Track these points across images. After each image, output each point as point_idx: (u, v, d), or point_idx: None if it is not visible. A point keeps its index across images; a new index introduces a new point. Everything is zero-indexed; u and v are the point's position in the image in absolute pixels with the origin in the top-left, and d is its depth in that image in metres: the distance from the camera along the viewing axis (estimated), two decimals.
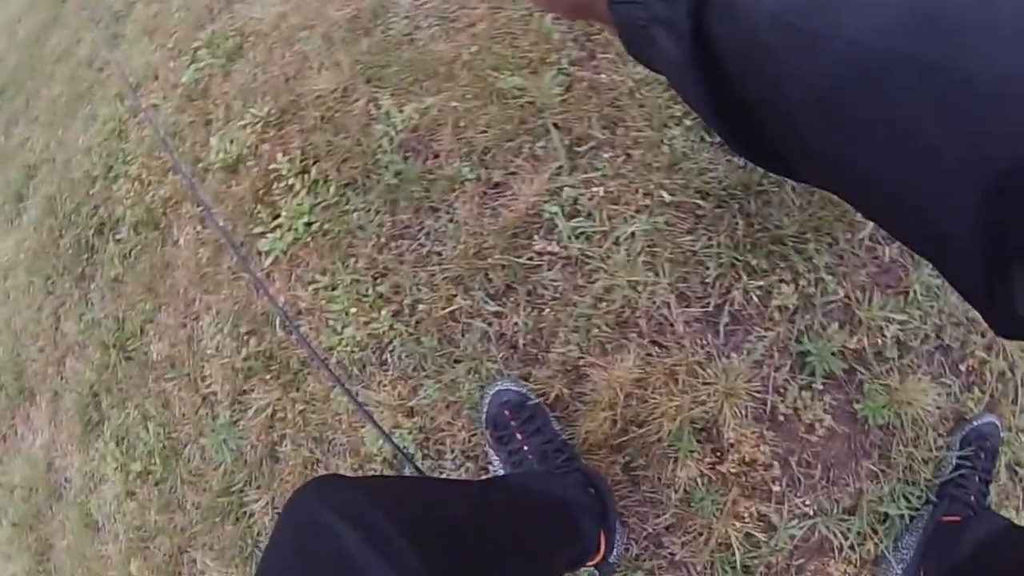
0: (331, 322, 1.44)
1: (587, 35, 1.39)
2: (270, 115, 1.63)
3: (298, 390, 1.50)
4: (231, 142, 1.66)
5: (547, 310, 1.28)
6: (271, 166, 1.58)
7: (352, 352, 1.42)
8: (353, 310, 1.41)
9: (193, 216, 1.70)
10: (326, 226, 1.47)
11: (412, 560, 0.63)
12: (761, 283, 1.25)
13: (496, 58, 1.40)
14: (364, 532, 0.63)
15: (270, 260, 1.53)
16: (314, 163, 1.53)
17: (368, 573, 0.61)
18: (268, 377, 1.52)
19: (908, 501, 1.30)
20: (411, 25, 1.56)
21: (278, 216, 1.54)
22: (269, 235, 1.54)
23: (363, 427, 1.42)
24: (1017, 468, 1.40)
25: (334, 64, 1.59)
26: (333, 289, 1.44)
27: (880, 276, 1.33)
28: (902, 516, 1.30)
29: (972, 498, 1.26)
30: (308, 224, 1.50)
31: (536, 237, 1.29)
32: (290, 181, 1.54)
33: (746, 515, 1.27)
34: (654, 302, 1.25)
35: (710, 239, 1.25)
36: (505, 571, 0.81)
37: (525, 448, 1.26)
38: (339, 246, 1.45)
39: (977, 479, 1.29)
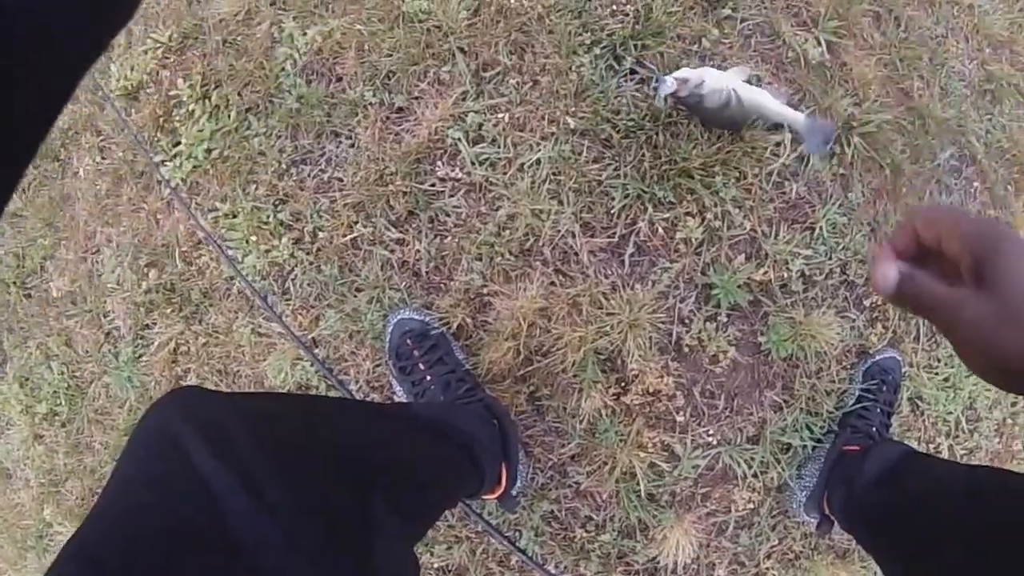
0: (232, 251, 1.36)
1: None
2: (171, 40, 1.50)
3: (200, 322, 1.41)
4: (132, 69, 1.53)
5: (450, 237, 1.22)
6: (171, 92, 1.46)
7: (254, 281, 1.34)
8: (253, 238, 1.33)
9: (92, 146, 1.58)
10: (226, 152, 1.38)
11: (274, 491, 0.54)
12: (667, 215, 1.21)
13: None
14: (221, 454, 0.54)
15: (170, 189, 1.43)
16: (215, 88, 1.42)
17: (225, 502, 0.52)
18: (169, 311, 1.43)
19: (811, 431, 1.30)
20: None
21: (178, 143, 1.44)
22: (169, 163, 1.44)
23: (265, 359, 1.35)
24: (919, 401, 1.41)
25: None
26: (234, 217, 1.36)
27: (787, 211, 1.30)
28: (805, 446, 1.30)
29: (874, 429, 1.26)
30: (208, 151, 1.40)
31: (439, 163, 1.22)
32: (191, 107, 1.43)
33: (650, 445, 1.25)
34: (558, 231, 1.20)
35: (616, 169, 1.20)
36: (393, 500, 0.72)
37: (428, 378, 1.21)
38: (239, 173, 1.36)
39: (879, 411, 1.29)
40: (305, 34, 1.36)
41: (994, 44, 1.62)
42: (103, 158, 1.57)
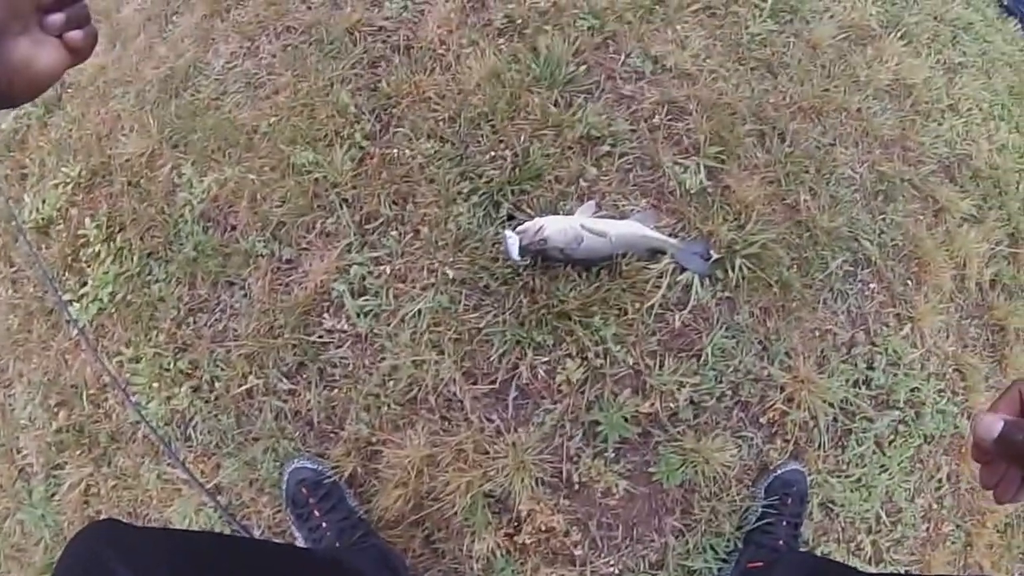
0: (136, 396, 1.40)
1: (384, 108, 1.37)
2: (81, 176, 1.55)
3: (109, 465, 1.44)
4: (43, 201, 1.58)
5: (337, 389, 1.26)
6: (79, 231, 1.51)
7: (157, 427, 1.38)
8: (155, 384, 1.36)
9: (5, 277, 1.62)
10: (129, 297, 1.42)
11: None
12: (547, 358, 1.26)
13: (293, 130, 1.36)
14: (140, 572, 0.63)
15: (77, 330, 1.47)
16: (120, 231, 1.47)
17: None
18: (79, 452, 1.46)
19: (715, 552, 1.31)
20: (219, 89, 1.51)
21: (85, 284, 1.48)
22: (76, 304, 1.48)
23: (171, 505, 1.38)
24: (831, 505, 1.42)
25: (143, 126, 1.52)
26: (137, 362, 1.39)
27: (671, 341, 1.35)
28: (710, 567, 1.31)
29: (780, 542, 1.27)
30: (112, 294, 1.44)
31: (326, 315, 1.27)
32: (96, 248, 1.48)
33: None
34: (441, 380, 1.24)
35: (495, 316, 1.25)
36: None
37: (323, 525, 1.24)
38: (141, 318, 1.40)
39: (785, 524, 1.29)
40: (203, 180, 1.41)
41: (884, 144, 1.68)
42: (15, 291, 1.61)
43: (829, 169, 1.57)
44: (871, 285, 1.57)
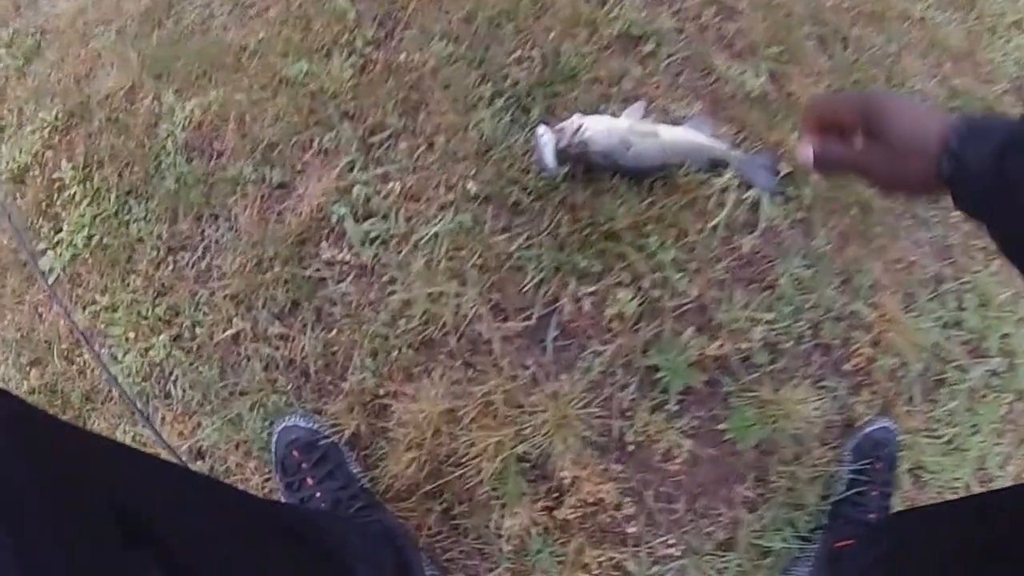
0: (113, 348, 1.14)
1: (388, 13, 1.11)
2: (57, 119, 1.32)
3: (84, 427, 1.19)
4: (20, 151, 1.35)
5: (338, 331, 0.99)
6: (55, 175, 1.27)
7: (134, 384, 1.11)
8: (132, 335, 1.11)
9: None
10: (106, 239, 1.17)
11: None
12: (594, 288, 0.98)
13: (286, 44, 1.11)
14: None
15: (51, 280, 1.22)
16: (97, 169, 1.22)
17: None
18: (52, 412, 1.21)
19: (795, 528, 1.05)
20: (204, 13, 1.27)
21: (60, 230, 1.24)
22: (50, 252, 1.24)
23: None
24: (921, 472, 1.15)
25: (124, 61, 1.29)
26: (114, 311, 1.14)
27: (740, 270, 1.07)
28: (789, 547, 1.03)
29: (871, 516, 1.01)
30: (88, 238, 1.19)
31: (324, 244, 1.00)
32: (73, 190, 1.23)
33: (596, 565, 0.99)
34: (463, 316, 0.96)
35: (529, 239, 0.97)
36: None
37: (318, 495, 0.97)
38: (118, 262, 1.15)
39: (876, 494, 1.04)
40: (185, 107, 1.16)
41: (955, 57, 1.42)
42: None
43: (900, 79, 1.31)
44: (954, 213, 1.28)
